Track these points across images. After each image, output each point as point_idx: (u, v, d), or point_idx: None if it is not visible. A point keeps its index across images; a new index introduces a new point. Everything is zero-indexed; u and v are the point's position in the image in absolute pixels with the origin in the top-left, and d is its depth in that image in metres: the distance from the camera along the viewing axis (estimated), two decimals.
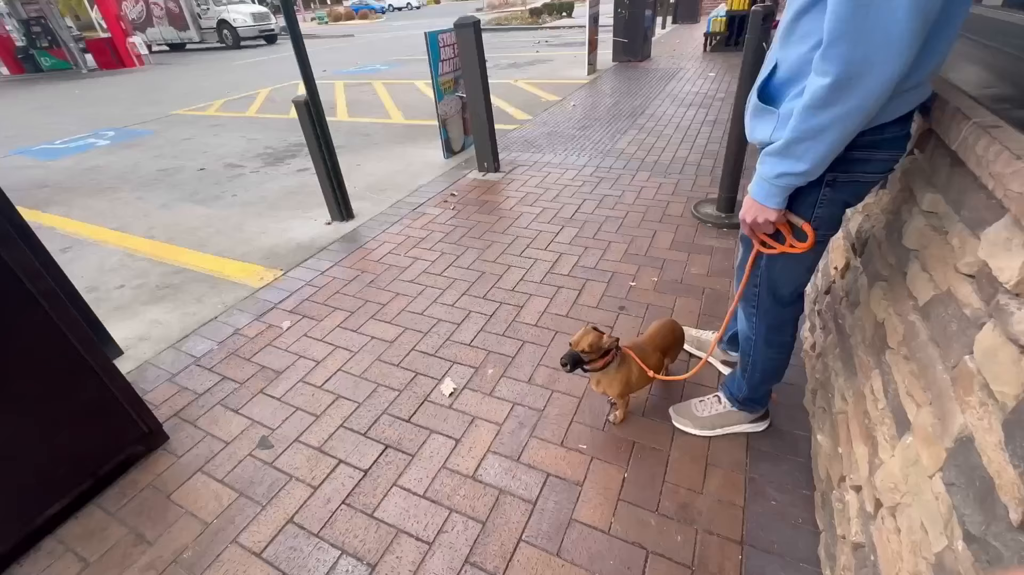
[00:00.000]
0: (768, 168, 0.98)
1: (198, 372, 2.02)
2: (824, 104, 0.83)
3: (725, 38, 8.61)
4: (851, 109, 0.82)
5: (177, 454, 1.66)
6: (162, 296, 2.63)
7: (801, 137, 0.89)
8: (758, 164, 1.02)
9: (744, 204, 1.11)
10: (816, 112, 0.84)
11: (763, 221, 1.07)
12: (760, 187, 1.02)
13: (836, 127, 0.85)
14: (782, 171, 0.95)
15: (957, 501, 0.72)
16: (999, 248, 0.72)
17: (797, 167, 0.93)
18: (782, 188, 0.99)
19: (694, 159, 3.87)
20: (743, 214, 1.11)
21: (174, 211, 3.78)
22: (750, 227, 1.12)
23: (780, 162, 0.95)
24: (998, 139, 0.75)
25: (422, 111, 6.27)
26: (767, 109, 1.01)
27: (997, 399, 0.67)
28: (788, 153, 0.93)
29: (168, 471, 1.60)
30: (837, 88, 0.80)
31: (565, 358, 1.42)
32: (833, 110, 0.83)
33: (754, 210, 1.07)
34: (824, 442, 1.38)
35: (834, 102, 0.82)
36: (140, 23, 18.48)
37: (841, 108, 0.82)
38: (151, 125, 6.83)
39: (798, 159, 0.92)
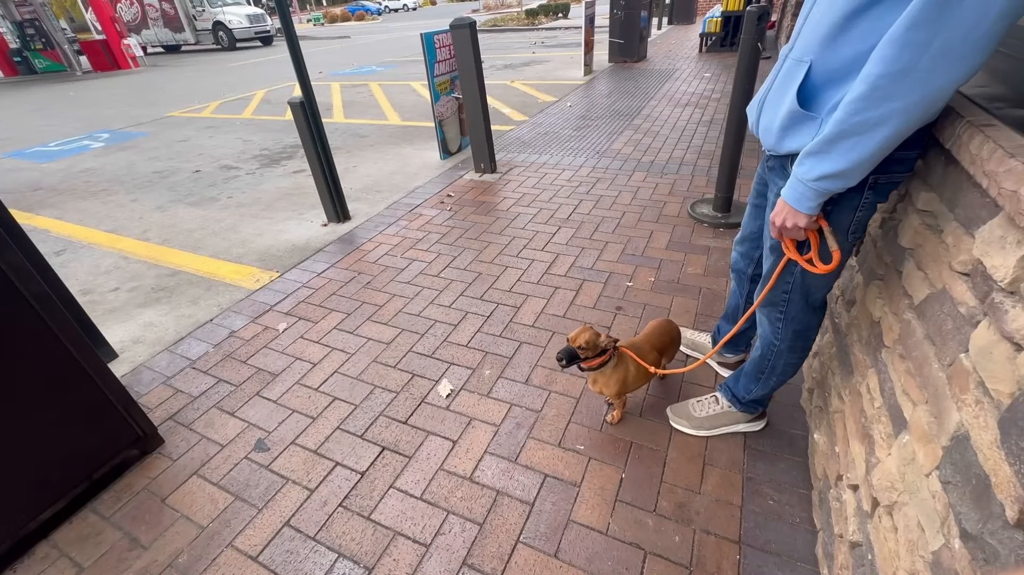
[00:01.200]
0: (806, 169, 0.92)
1: (193, 375, 2.01)
2: (884, 96, 0.77)
3: (721, 39, 8.64)
4: (909, 106, 0.76)
5: (172, 457, 1.65)
6: (157, 299, 2.61)
7: (848, 132, 0.83)
8: (795, 165, 0.95)
9: (776, 206, 1.04)
10: (872, 104, 0.78)
11: (792, 226, 1.02)
12: (794, 189, 0.96)
13: (891, 123, 0.79)
14: (823, 173, 0.89)
15: (954, 499, 0.72)
16: (993, 246, 0.72)
17: (838, 166, 0.87)
18: (818, 193, 0.93)
19: (690, 159, 3.87)
20: (773, 215, 1.06)
21: (169, 213, 3.76)
22: (779, 230, 1.06)
23: (820, 162, 0.89)
24: (991, 137, 0.75)
25: (418, 112, 6.26)
26: (808, 115, 0.96)
27: (992, 397, 0.67)
28: (830, 150, 0.86)
29: (163, 474, 1.59)
30: (900, 77, 0.74)
31: (561, 353, 1.42)
32: (892, 103, 0.77)
33: (784, 213, 1.01)
34: (821, 441, 1.38)
35: (894, 94, 0.76)
36: (135, 25, 18.43)
37: (902, 102, 0.76)
38: (146, 127, 6.80)
39: (841, 156, 0.86)
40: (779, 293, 1.23)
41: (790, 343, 1.30)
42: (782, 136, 1.04)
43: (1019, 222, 0.64)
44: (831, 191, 0.93)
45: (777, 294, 1.24)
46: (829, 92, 0.94)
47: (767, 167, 1.21)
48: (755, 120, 1.16)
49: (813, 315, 1.25)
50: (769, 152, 1.15)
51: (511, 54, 10.89)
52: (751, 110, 1.18)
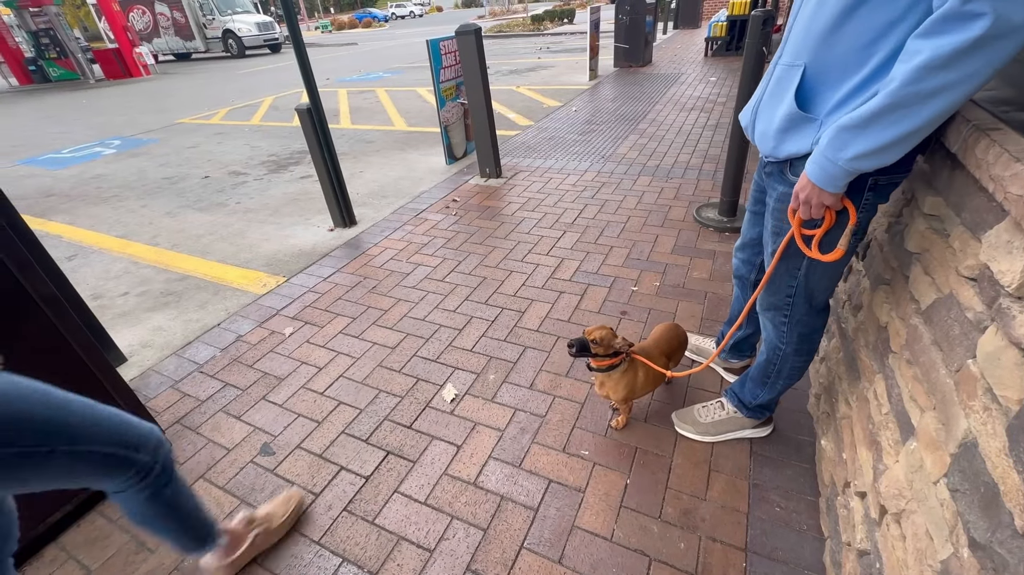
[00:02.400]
0: (839, 146, 0.86)
1: (201, 379, 2.02)
2: (949, 62, 0.71)
3: (726, 43, 8.63)
4: (973, 72, 0.71)
5: (179, 461, 1.66)
6: (165, 303, 2.64)
7: (900, 102, 0.77)
8: (824, 139, 0.89)
9: (799, 183, 0.98)
10: (931, 73, 0.73)
11: (817, 203, 0.96)
12: (822, 169, 0.90)
13: (947, 94, 0.74)
14: (860, 151, 0.84)
15: (962, 507, 0.71)
16: (1000, 251, 0.72)
17: (879, 141, 0.81)
18: (849, 172, 0.88)
19: (696, 163, 3.87)
20: (797, 191, 0.99)
21: (178, 218, 3.81)
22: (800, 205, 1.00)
23: (857, 138, 0.83)
24: (997, 141, 0.74)
25: (424, 117, 6.31)
26: (807, 117, 0.96)
27: (1001, 403, 0.66)
28: (870, 125, 0.81)
29: None
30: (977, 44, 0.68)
31: (573, 341, 1.42)
32: (956, 71, 0.71)
33: (808, 191, 0.96)
34: (828, 447, 1.36)
35: (961, 62, 0.70)
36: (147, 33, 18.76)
37: (966, 69, 0.71)
38: (156, 134, 6.89)
39: (884, 131, 0.80)
40: (783, 296, 1.22)
41: (795, 346, 1.29)
42: (780, 140, 1.03)
43: None
44: (863, 170, 0.87)
45: (781, 297, 1.23)
46: (827, 93, 0.94)
47: (765, 173, 1.21)
48: (748, 125, 1.16)
49: (817, 317, 1.25)
50: (767, 158, 1.14)
51: (517, 59, 10.94)
52: (744, 116, 1.18)
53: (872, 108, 0.81)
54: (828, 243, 1.05)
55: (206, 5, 17.73)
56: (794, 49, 0.99)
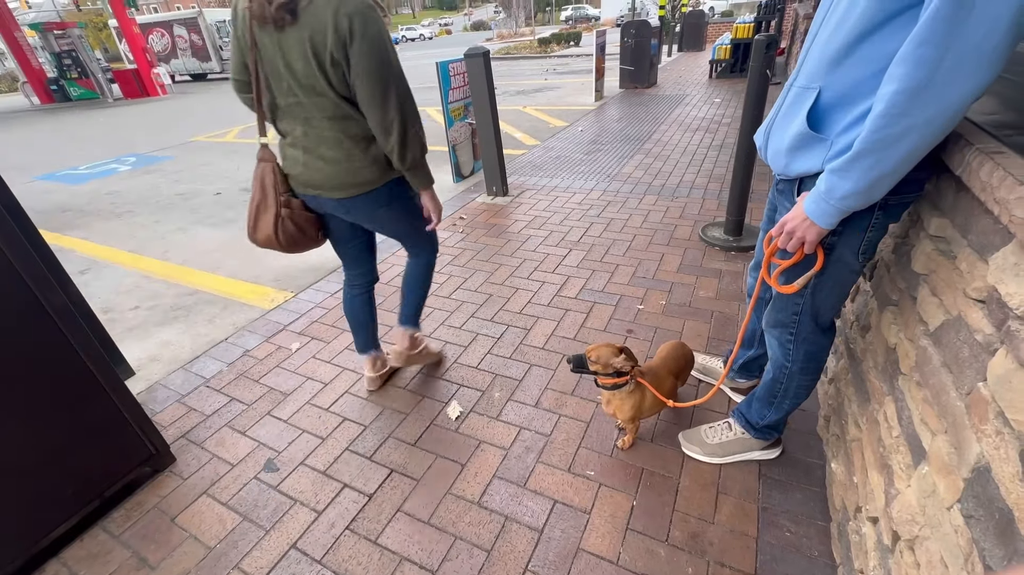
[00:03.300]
0: (831, 187, 0.92)
1: (207, 393, 2.03)
2: (902, 112, 0.78)
3: (730, 65, 8.77)
4: (928, 120, 0.78)
5: (183, 476, 1.66)
6: (175, 317, 2.67)
7: (869, 149, 0.84)
8: (819, 180, 0.95)
9: (791, 213, 1.03)
10: (891, 121, 0.80)
11: (800, 237, 1.01)
12: (817, 205, 0.95)
13: (910, 138, 0.80)
14: (849, 191, 0.89)
15: (977, 534, 0.69)
16: (1008, 273, 0.72)
17: (860, 184, 0.87)
18: (840, 211, 0.93)
19: (701, 183, 3.89)
20: (785, 219, 1.04)
21: (190, 234, 3.87)
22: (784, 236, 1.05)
23: (844, 178, 0.89)
24: (1002, 165, 0.75)
25: (432, 136, 6.37)
26: (818, 137, 0.98)
27: (1013, 428, 0.65)
28: (854, 166, 0.87)
29: (173, 493, 1.60)
30: (916, 94, 0.76)
31: (572, 356, 1.43)
32: (909, 119, 0.78)
33: (798, 221, 1.01)
34: (839, 470, 1.34)
35: (911, 110, 0.78)
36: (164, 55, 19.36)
37: (918, 117, 0.78)
38: (171, 151, 7.06)
39: (863, 174, 0.86)
40: (789, 314, 1.22)
41: (802, 365, 1.28)
42: (791, 158, 1.05)
43: None
44: (853, 208, 0.93)
45: (787, 315, 1.23)
46: (838, 115, 0.95)
47: (777, 190, 1.23)
48: (763, 145, 1.18)
49: (823, 336, 1.25)
50: (779, 176, 1.17)
51: (524, 80, 11.15)
52: (758, 137, 1.20)
53: (851, 154, 0.87)
54: (790, 277, 1.11)
55: (223, 28, 18.31)
56: (809, 72, 1.01)
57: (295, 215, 1.50)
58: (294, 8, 1.20)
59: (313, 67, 1.26)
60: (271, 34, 1.26)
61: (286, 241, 1.51)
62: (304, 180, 1.46)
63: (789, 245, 1.05)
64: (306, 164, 1.42)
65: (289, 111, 1.38)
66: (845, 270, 1.10)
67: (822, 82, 0.97)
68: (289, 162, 1.47)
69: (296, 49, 1.25)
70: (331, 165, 1.40)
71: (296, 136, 1.42)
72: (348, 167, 1.40)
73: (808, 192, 0.99)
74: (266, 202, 1.49)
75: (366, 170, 1.43)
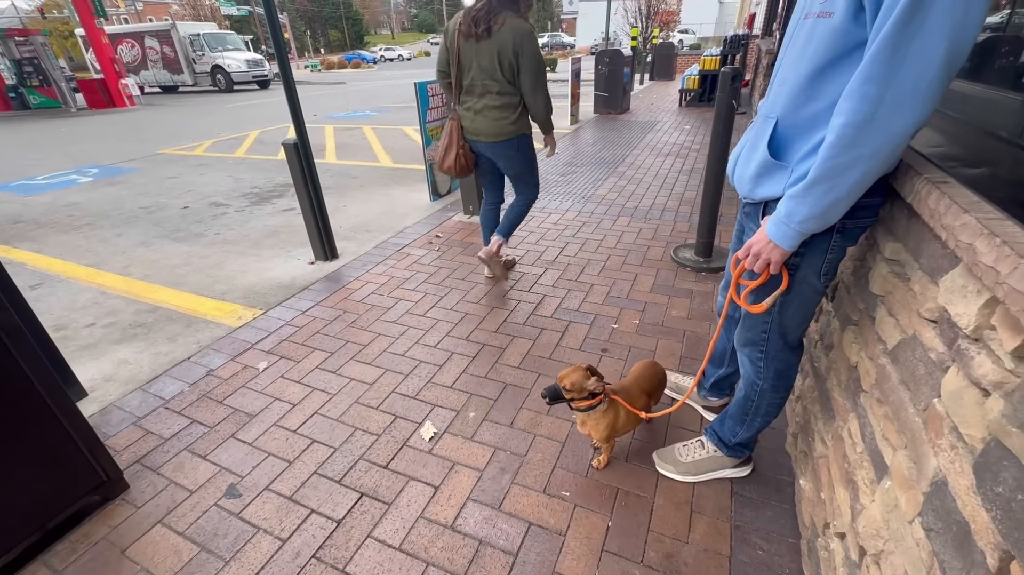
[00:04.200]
0: (789, 211, 0.97)
1: (166, 415, 1.93)
2: (850, 143, 0.84)
3: (698, 94, 9.17)
4: (874, 151, 0.84)
5: (136, 504, 1.56)
6: (133, 335, 2.54)
7: (823, 177, 0.89)
8: (780, 206, 1.00)
9: (756, 236, 1.08)
10: (841, 151, 0.86)
11: (764, 259, 1.07)
12: (779, 228, 1.01)
13: (859, 167, 0.86)
14: (806, 215, 0.95)
15: (937, 547, 0.71)
16: (956, 295, 0.76)
17: (816, 209, 0.93)
18: (800, 233, 0.99)
19: (672, 205, 4.01)
20: (750, 243, 1.10)
21: (153, 249, 3.73)
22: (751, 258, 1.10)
23: (802, 204, 0.94)
24: (947, 194, 0.81)
25: (409, 155, 6.43)
26: (779, 164, 1.04)
27: (966, 442, 0.69)
28: (809, 193, 0.92)
29: (125, 523, 1.50)
30: (862, 127, 0.82)
31: (547, 390, 1.43)
32: (857, 150, 0.84)
33: (762, 244, 1.06)
34: (807, 487, 1.37)
35: (859, 141, 0.83)
36: (134, 66, 18.92)
37: (865, 148, 0.84)
38: (136, 163, 6.84)
39: (818, 200, 0.92)
40: (758, 332, 1.27)
41: (772, 382, 1.32)
42: (755, 184, 1.11)
43: (976, 273, 0.68)
44: (812, 231, 0.98)
45: (757, 333, 1.27)
46: (797, 144, 1.02)
47: (744, 213, 1.29)
48: (731, 171, 1.25)
49: (792, 354, 1.29)
50: (745, 200, 1.22)
51: None
52: (730, 163, 1.27)
53: (807, 181, 0.93)
54: (758, 297, 1.17)
55: (197, 41, 18.07)
56: (771, 103, 1.09)
57: (465, 152, 2.51)
58: (489, 30, 2.16)
59: (496, 64, 2.21)
60: (472, 45, 2.22)
61: (458, 168, 2.53)
62: (472, 129, 2.43)
63: (756, 266, 1.10)
64: (474, 120, 2.39)
65: (471, 90, 2.35)
66: (809, 290, 1.15)
67: (780, 112, 1.04)
68: (466, 120, 2.43)
69: (486, 54, 2.21)
70: (490, 121, 2.35)
71: (472, 104, 2.38)
72: (500, 123, 2.35)
73: (770, 215, 1.04)
74: (452, 144, 2.48)
75: (510, 126, 2.37)
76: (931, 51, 0.74)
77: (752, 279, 1.17)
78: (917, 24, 0.73)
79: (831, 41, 0.90)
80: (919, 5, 0.72)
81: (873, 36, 0.79)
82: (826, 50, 0.92)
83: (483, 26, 2.14)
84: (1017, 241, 0.62)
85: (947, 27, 0.72)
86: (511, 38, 2.14)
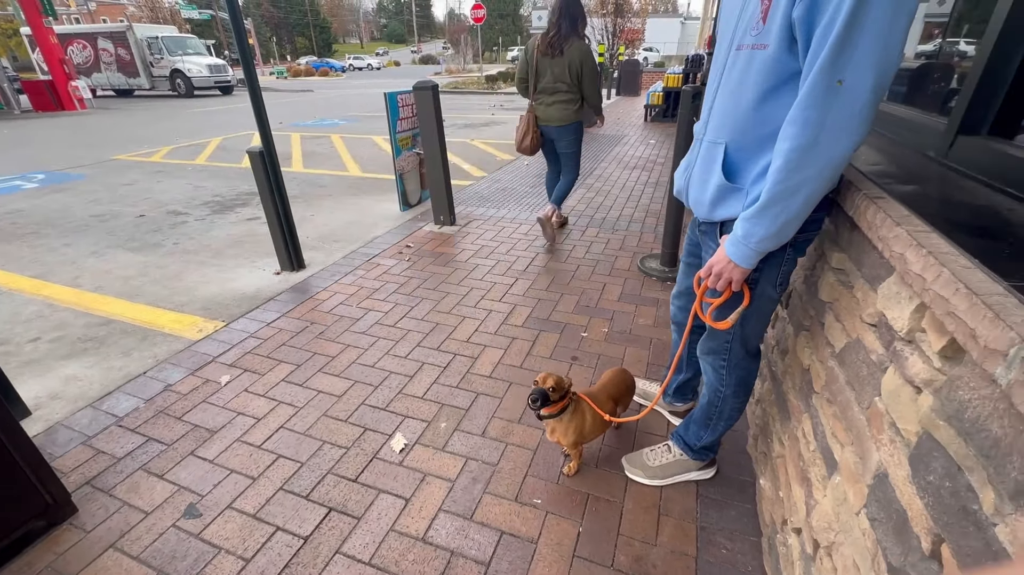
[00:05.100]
0: (747, 232, 1.02)
1: (119, 434, 1.84)
2: (796, 167, 0.90)
3: (663, 110, 9.50)
4: (819, 172, 0.89)
5: (86, 528, 1.47)
6: (84, 349, 2.41)
7: (775, 199, 0.95)
8: (737, 228, 1.04)
9: (716, 256, 1.12)
10: (789, 175, 0.91)
11: (726, 278, 1.11)
12: (738, 249, 1.05)
13: (806, 188, 0.91)
14: (763, 235, 0.99)
15: (880, 535, 0.77)
16: (891, 300, 0.83)
17: (772, 229, 0.98)
18: (758, 252, 1.04)
19: (639, 217, 4.14)
20: (711, 264, 1.13)
21: (105, 259, 3.56)
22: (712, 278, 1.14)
23: (757, 225, 0.99)
24: (883, 208, 0.88)
25: (379, 164, 6.38)
26: (734, 187, 1.09)
27: (903, 436, 0.74)
28: (764, 215, 0.97)
29: (73, 549, 1.41)
30: (807, 150, 0.88)
31: (534, 394, 1.43)
32: (804, 172, 0.90)
33: (723, 264, 1.10)
34: (767, 486, 1.43)
35: (804, 164, 0.89)
36: (86, 67, 18.08)
37: (811, 170, 0.90)
38: (88, 169, 6.51)
39: (773, 220, 0.97)
40: (721, 343, 1.32)
41: (735, 388, 1.38)
42: (713, 208, 1.16)
43: (908, 280, 0.74)
44: (769, 249, 1.04)
45: (719, 343, 1.33)
46: (748, 165, 1.08)
47: (700, 231, 1.34)
48: (682, 189, 1.29)
49: (752, 361, 1.36)
50: (701, 220, 1.27)
51: (471, 114, 11.45)
52: (678, 178, 1.31)
53: (759, 204, 0.98)
54: (722, 313, 1.22)
55: (155, 44, 17.44)
56: (716, 128, 1.13)
57: (536, 135, 3.36)
58: (562, 51, 3.05)
59: (566, 73, 3.11)
60: (548, 59, 3.11)
61: (531, 147, 3.40)
62: (545, 117, 3.30)
63: (718, 285, 1.15)
64: (547, 111, 3.27)
65: (545, 90, 3.23)
66: (767, 301, 1.22)
67: (727, 137, 1.10)
68: (540, 111, 3.29)
69: (559, 66, 3.10)
70: (557, 110, 3.25)
71: (545, 99, 3.26)
72: (564, 112, 3.24)
73: (728, 236, 1.09)
74: (528, 129, 3.35)
75: (572, 114, 3.27)
76: (862, 81, 0.81)
77: (715, 297, 1.21)
78: (847, 58, 0.81)
79: (768, 71, 0.97)
80: (847, 41, 0.80)
81: (808, 67, 0.86)
82: (765, 79, 0.98)
83: (558, 48, 3.07)
84: (941, 251, 0.69)
85: (874, 60, 0.80)
86: (577, 56, 3.06)
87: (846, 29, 0.79)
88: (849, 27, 0.79)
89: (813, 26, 0.84)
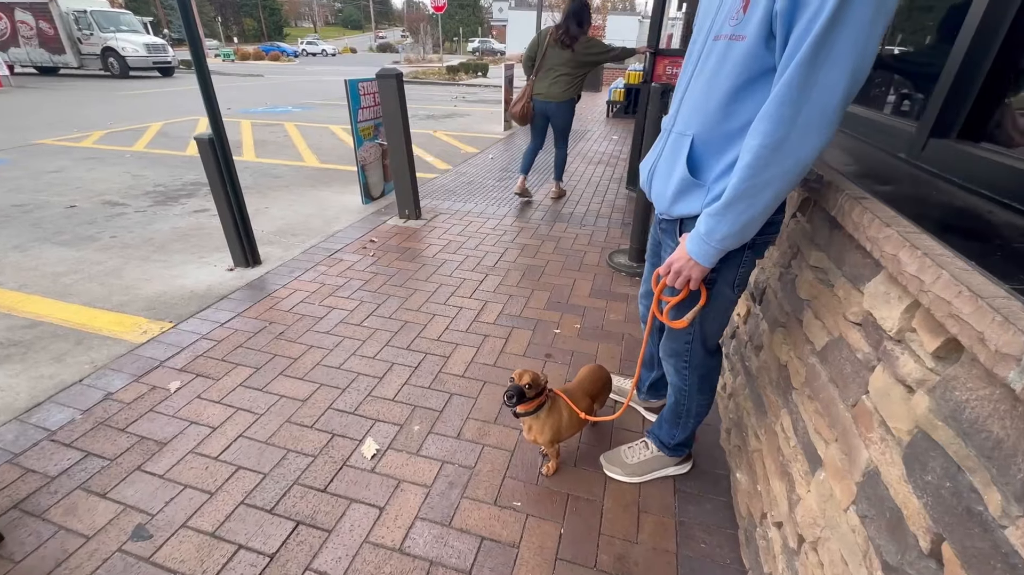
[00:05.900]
0: (709, 229, 1.00)
1: (52, 449, 1.66)
2: (766, 164, 0.89)
3: (624, 106, 9.64)
4: (786, 170, 0.89)
5: (14, 558, 1.31)
6: (7, 356, 2.16)
7: (742, 195, 0.93)
8: (699, 224, 1.03)
9: (676, 254, 1.11)
10: (757, 171, 0.90)
11: (685, 275, 1.10)
12: (698, 246, 1.04)
13: (773, 186, 0.91)
14: (725, 233, 0.98)
15: (872, 532, 0.78)
16: (879, 300, 0.84)
17: (735, 226, 0.97)
18: (719, 251, 1.02)
19: (605, 212, 4.16)
20: (670, 260, 1.12)
21: (30, 254, 3.22)
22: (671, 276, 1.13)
23: (721, 222, 0.98)
24: (869, 209, 0.89)
25: (338, 155, 6.13)
26: (696, 183, 1.07)
27: (895, 435, 0.75)
28: (728, 211, 0.96)
29: None
30: (777, 147, 0.87)
31: (510, 390, 1.39)
32: (772, 169, 0.89)
33: (682, 262, 1.09)
34: (743, 480, 1.46)
35: (773, 162, 0.88)
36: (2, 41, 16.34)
37: (779, 168, 0.89)
38: (7, 154, 5.89)
39: (736, 218, 0.96)
40: (682, 343, 1.33)
41: (698, 386, 1.40)
42: (674, 202, 1.14)
43: (900, 280, 0.75)
44: (730, 248, 1.03)
45: (680, 344, 1.34)
46: (712, 161, 1.06)
47: (660, 228, 1.32)
48: (646, 181, 1.27)
49: (712, 359, 1.38)
50: (661, 216, 1.26)
51: (433, 105, 11.21)
52: (643, 170, 1.29)
53: (724, 200, 0.97)
54: (679, 312, 1.22)
55: (83, 19, 15.95)
56: (685, 120, 1.11)
57: (528, 105, 3.94)
58: (573, 47, 3.68)
59: (571, 61, 3.73)
60: (557, 49, 3.72)
61: (521, 116, 4.00)
62: (545, 93, 3.84)
63: (676, 283, 1.13)
64: (549, 87, 3.81)
65: (550, 71, 3.79)
66: (725, 301, 1.22)
67: (695, 130, 1.07)
68: (541, 86, 3.84)
69: (567, 56, 3.71)
70: (554, 87, 3.80)
71: (546, 76, 3.81)
72: (560, 89, 3.79)
73: (689, 233, 1.08)
74: (524, 99, 3.92)
75: (564, 92, 3.81)
76: (837, 80, 0.81)
77: (673, 295, 1.20)
78: (825, 55, 0.80)
79: (744, 64, 0.95)
80: (827, 38, 0.79)
81: (785, 63, 0.85)
82: (739, 72, 0.96)
83: (568, 42, 3.67)
84: (935, 253, 0.70)
85: (851, 60, 0.79)
86: (584, 50, 3.71)
87: (828, 26, 0.78)
88: (832, 24, 0.77)
89: (794, 21, 0.83)
